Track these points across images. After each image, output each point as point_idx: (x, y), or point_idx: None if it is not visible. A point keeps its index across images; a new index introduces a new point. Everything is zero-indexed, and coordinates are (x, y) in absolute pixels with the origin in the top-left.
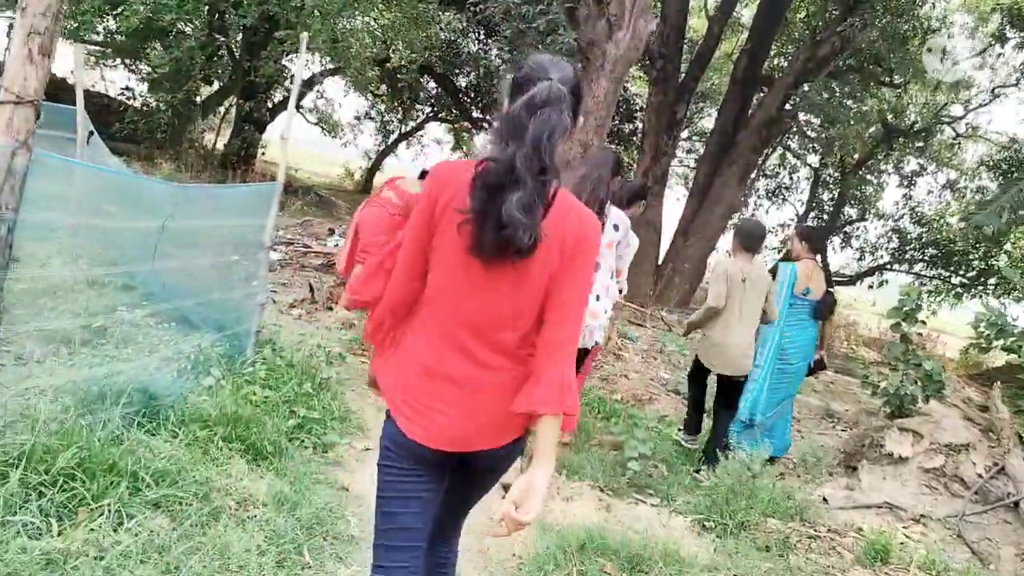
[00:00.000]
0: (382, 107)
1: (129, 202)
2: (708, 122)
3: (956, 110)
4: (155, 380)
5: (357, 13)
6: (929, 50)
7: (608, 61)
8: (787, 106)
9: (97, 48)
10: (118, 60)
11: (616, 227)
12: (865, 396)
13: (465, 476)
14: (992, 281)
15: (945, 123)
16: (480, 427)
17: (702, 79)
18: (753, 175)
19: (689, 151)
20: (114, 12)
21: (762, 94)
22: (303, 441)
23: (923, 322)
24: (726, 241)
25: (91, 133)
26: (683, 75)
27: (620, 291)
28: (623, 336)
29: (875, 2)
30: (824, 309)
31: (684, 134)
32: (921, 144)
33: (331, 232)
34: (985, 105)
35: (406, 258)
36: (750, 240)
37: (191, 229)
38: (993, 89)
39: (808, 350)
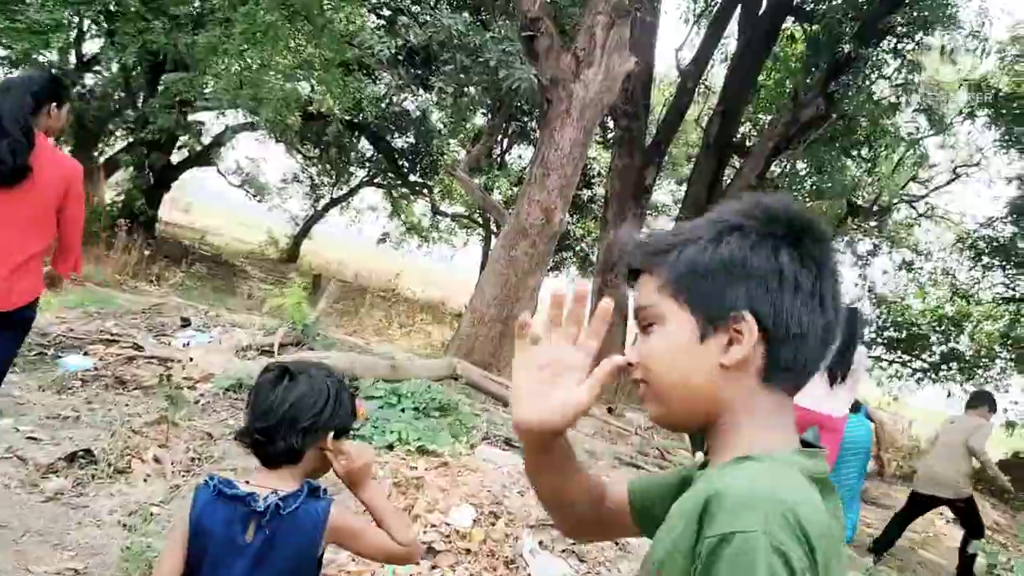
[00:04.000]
0: (313, 170)
1: None
2: (662, 196)
3: (913, 189)
4: None
5: (263, 52)
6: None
7: (575, 105)
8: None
9: None
10: None
11: None
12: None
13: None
14: (954, 365)
15: (906, 201)
16: (10, 293)
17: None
18: None
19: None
20: None
21: (736, 161)
22: None
23: None
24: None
25: None
26: (650, 136)
27: None
28: None
29: (866, 63)
30: None
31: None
32: (875, 223)
33: (184, 324)
34: (946, 185)
35: None
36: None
37: None
38: (955, 168)
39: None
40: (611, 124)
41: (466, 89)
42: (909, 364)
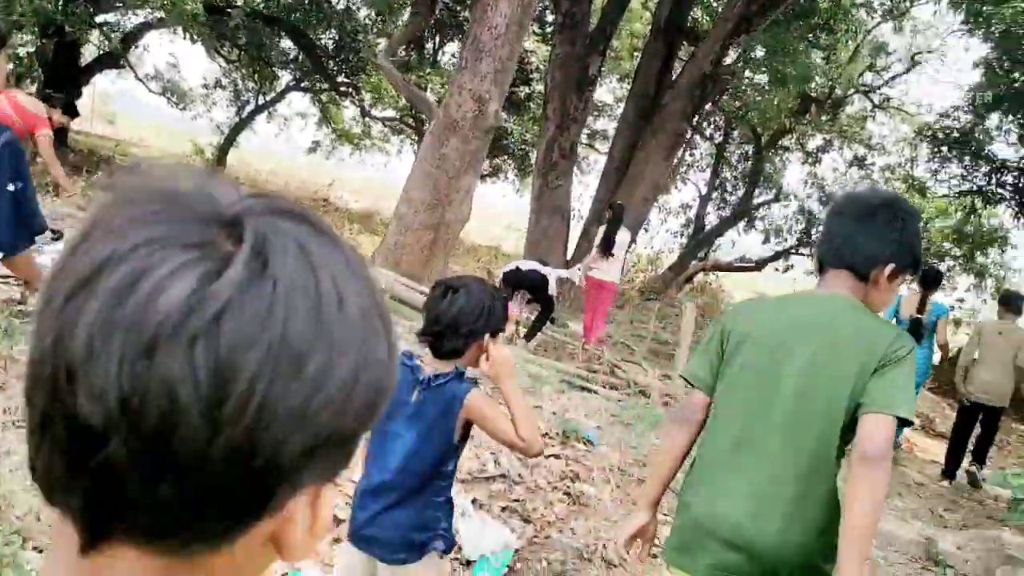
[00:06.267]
0: (237, 75)
1: None
2: (604, 94)
3: (868, 79)
4: None
5: None
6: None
7: None
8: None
9: None
10: None
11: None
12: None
13: None
14: None
15: (861, 92)
16: None
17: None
18: (682, 148)
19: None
20: None
21: (684, 54)
22: None
23: None
24: (652, 229)
25: None
26: (594, 21)
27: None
28: (578, 437)
29: None
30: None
31: None
32: (829, 116)
33: (56, 237)
34: (903, 74)
35: None
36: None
37: None
38: (913, 56)
39: None
40: (549, 18)
41: None
42: None
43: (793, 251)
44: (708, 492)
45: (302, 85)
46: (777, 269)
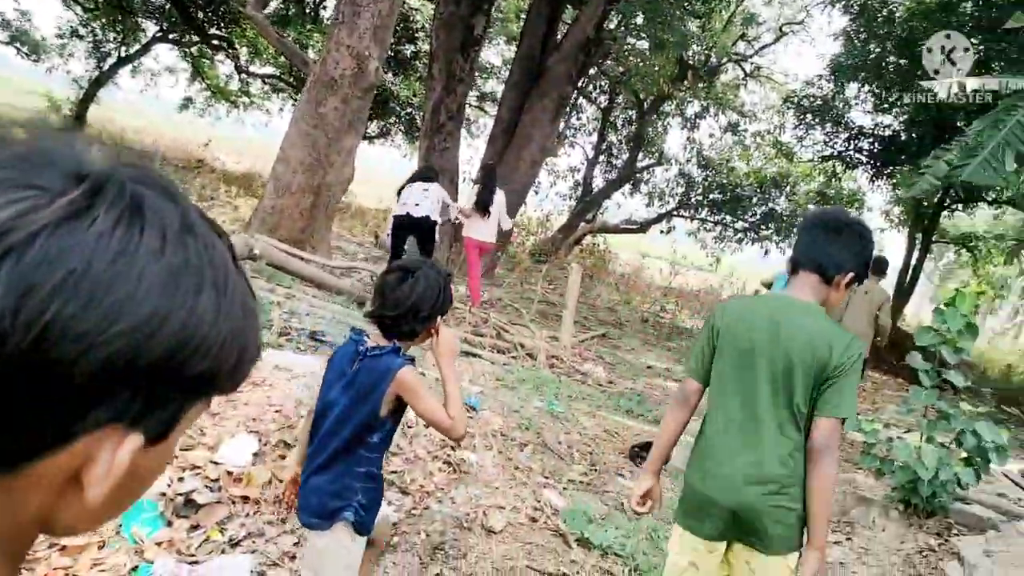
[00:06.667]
0: (96, 24)
1: None
2: (493, 56)
3: (741, 49)
4: None
5: None
6: None
7: None
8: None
9: None
10: None
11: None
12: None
13: None
14: (772, 226)
15: (734, 61)
16: None
17: None
18: (568, 110)
19: (485, 77)
20: None
21: (570, 18)
22: None
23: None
24: (543, 192)
25: None
26: None
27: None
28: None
29: None
30: None
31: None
32: (705, 84)
33: None
34: (772, 44)
35: None
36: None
37: None
38: (781, 27)
39: None
40: None
41: None
42: (731, 225)
43: (674, 213)
44: (707, 470)
45: (170, 37)
46: (661, 231)
